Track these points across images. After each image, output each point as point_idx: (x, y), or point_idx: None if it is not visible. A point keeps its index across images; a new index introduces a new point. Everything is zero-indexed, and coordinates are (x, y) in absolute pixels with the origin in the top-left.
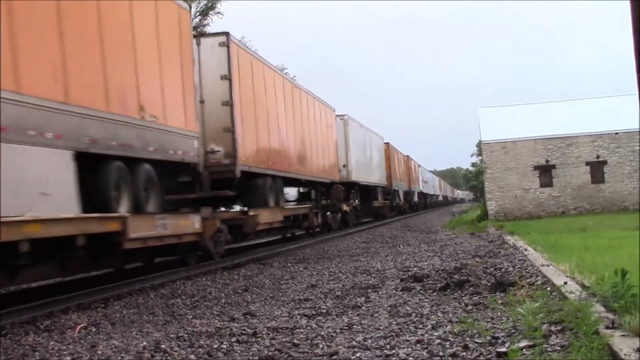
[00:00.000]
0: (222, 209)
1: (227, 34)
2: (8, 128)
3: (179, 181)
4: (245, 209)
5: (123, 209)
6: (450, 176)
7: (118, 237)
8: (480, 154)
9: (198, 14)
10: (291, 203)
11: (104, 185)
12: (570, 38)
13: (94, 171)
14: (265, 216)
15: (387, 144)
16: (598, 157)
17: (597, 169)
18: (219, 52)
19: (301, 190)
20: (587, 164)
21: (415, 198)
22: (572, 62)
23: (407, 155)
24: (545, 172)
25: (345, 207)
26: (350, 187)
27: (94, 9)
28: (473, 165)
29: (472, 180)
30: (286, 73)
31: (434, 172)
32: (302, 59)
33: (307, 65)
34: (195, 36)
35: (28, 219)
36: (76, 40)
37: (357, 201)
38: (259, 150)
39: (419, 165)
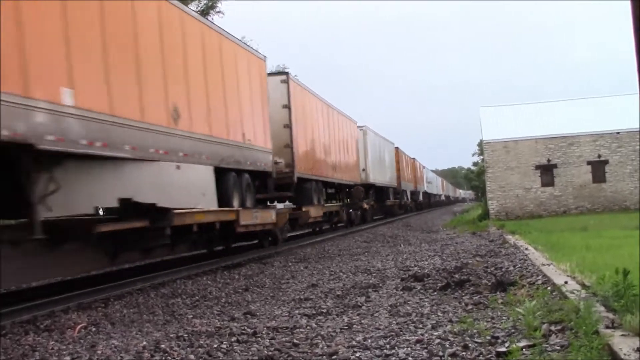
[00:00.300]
0: (281, 205)
1: (287, 73)
2: (188, 154)
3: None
4: (294, 205)
5: (236, 204)
6: (451, 175)
7: (234, 224)
8: (481, 153)
9: (199, 13)
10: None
11: (226, 188)
12: (570, 38)
13: (221, 179)
14: (313, 212)
15: (396, 148)
16: (599, 156)
17: (598, 168)
18: (281, 87)
19: (329, 191)
20: (589, 163)
21: (421, 197)
22: (572, 62)
23: (413, 158)
24: (547, 171)
25: (365, 205)
26: (368, 188)
27: (219, 72)
28: (474, 164)
29: (474, 180)
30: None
31: (436, 172)
32: (302, 58)
33: (307, 64)
34: None
35: (198, 210)
36: (214, 97)
37: (373, 200)
38: (307, 161)
39: (424, 167)
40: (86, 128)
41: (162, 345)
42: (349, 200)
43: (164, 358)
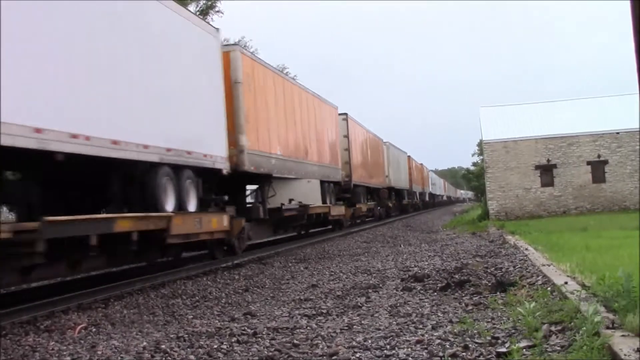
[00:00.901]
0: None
1: (346, 114)
2: (310, 174)
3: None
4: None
5: (327, 202)
6: (451, 176)
7: (328, 215)
8: (481, 153)
9: (198, 12)
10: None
11: (325, 192)
12: (570, 38)
13: (322, 187)
14: (363, 208)
15: (409, 157)
16: (599, 156)
17: (598, 168)
18: (342, 123)
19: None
20: (588, 163)
21: (427, 198)
22: (572, 62)
23: (421, 163)
24: (547, 171)
25: (389, 204)
26: (390, 190)
27: (320, 123)
28: (474, 164)
29: (473, 180)
30: (287, 73)
31: (435, 172)
32: (302, 58)
33: (307, 63)
34: None
35: (316, 205)
36: (318, 139)
37: (394, 200)
38: (358, 172)
39: (429, 171)
40: (282, 165)
41: (163, 346)
42: (378, 199)
43: (164, 358)
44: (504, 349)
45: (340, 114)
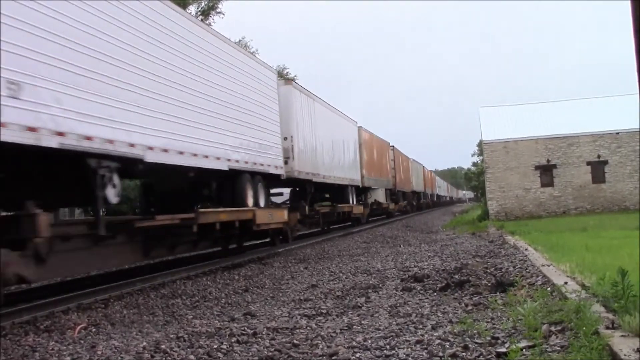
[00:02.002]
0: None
1: (393, 146)
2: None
3: None
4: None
5: (351, 202)
6: (450, 176)
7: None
8: (481, 153)
9: (199, 13)
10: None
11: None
12: (570, 38)
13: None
14: (403, 204)
15: (423, 167)
16: (599, 156)
17: (598, 168)
18: (391, 152)
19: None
20: (588, 163)
21: (435, 198)
22: (572, 62)
23: (431, 170)
24: (546, 171)
25: (414, 202)
26: (414, 192)
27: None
28: (474, 164)
29: (473, 180)
30: (287, 73)
31: (435, 172)
32: (302, 57)
33: (307, 63)
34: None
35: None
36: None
37: (416, 200)
38: (399, 182)
39: (436, 177)
40: (373, 181)
41: (162, 346)
42: (407, 199)
43: (164, 358)
44: (503, 349)
45: (390, 146)
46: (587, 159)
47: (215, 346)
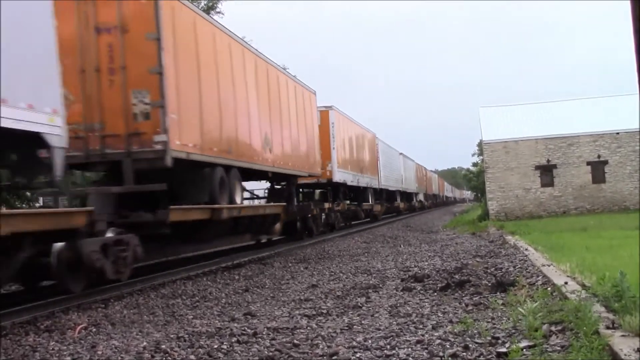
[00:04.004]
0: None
1: (416, 163)
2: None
3: None
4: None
5: (371, 201)
6: (450, 176)
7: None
8: (481, 153)
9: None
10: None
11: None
12: (570, 38)
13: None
14: (425, 202)
15: (438, 176)
16: (599, 157)
17: (598, 168)
18: (412, 164)
19: (420, 198)
20: (588, 163)
21: (444, 198)
22: (572, 62)
23: (442, 179)
24: (546, 172)
25: (428, 203)
26: (432, 194)
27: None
28: (474, 165)
29: (473, 180)
30: (287, 72)
31: (435, 172)
32: (302, 58)
33: (307, 64)
34: None
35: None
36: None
37: (429, 200)
38: (426, 187)
39: (445, 182)
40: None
41: (163, 346)
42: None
43: (164, 359)
44: (504, 349)
45: (417, 163)
46: (587, 159)
47: (215, 346)
